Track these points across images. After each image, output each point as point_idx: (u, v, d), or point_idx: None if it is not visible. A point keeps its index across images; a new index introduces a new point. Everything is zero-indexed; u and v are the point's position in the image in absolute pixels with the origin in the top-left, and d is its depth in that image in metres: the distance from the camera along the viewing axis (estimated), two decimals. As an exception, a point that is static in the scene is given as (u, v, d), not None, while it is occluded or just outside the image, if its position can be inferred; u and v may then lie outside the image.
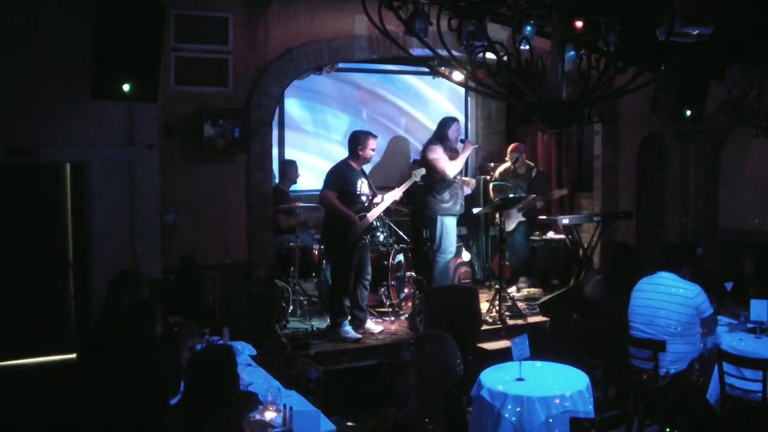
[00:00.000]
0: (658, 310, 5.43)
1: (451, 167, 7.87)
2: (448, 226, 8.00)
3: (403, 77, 9.79)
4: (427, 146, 8.08)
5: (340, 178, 7.11)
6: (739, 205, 9.28)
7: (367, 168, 7.54)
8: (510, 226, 8.68)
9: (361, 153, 7.15)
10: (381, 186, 7.76)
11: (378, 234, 7.85)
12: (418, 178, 7.63)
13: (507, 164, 8.91)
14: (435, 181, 7.90)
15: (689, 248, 6.06)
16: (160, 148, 6.58)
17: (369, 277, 7.35)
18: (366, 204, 7.19)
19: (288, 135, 9.08)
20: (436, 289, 7.72)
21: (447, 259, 8.06)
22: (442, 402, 3.54)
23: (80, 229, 6.54)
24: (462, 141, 8.12)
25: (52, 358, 6.32)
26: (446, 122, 8.17)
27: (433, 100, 10.02)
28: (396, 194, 7.40)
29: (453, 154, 7.95)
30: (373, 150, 7.21)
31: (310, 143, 9.24)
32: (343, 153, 7.66)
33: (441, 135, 8.07)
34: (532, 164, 9.10)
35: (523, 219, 8.81)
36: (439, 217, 7.97)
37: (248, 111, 6.98)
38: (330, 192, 7.05)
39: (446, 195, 7.94)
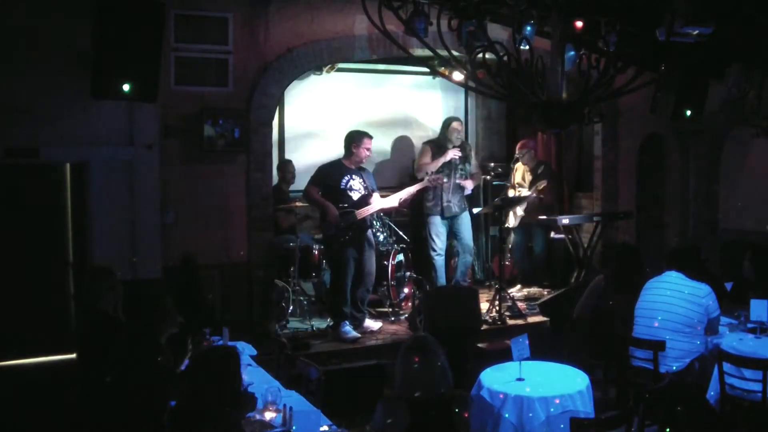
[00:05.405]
0: (664, 305, 5.42)
1: (421, 167, 8.10)
2: (433, 226, 8.25)
3: (403, 77, 9.78)
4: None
5: (324, 173, 7.15)
6: (739, 205, 9.28)
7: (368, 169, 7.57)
8: (512, 222, 8.73)
9: (354, 151, 7.18)
10: (379, 187, 7.73)
11: (378, 234, 7.86)
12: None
13: (520, 165, 8.90)
14: None
15: (694, 249, 6.07)
16: (160, 147, 6.58)
17: (371, 279, 7.30)
18: (356, 200, 7.14)
19: (288, 135, 9.08)
20: (436, 289, 7.73)
21: (432, 256, 8.24)
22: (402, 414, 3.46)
23: (80, 229, 6.54)
24: (460, 144, 8.26)
25: (52, 358, 6.31)
26: (445, 121, 8.42)
27: (433, 100, 10.01)
28: (403, 194, 7.38)
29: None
30: (367, 150, 7.22)
31: (310, 143, 9.23)
32: (342, 153, 7.64)
33: (439, 134, 8.37)
34: (538, 160, 9.12)
35: (522, 214, 8.83)
36: (425, 216, 8.32)
37: (248, 111, 6.98)
38: (312, 187, 7.12)
39: (429, 195, 8.17)
